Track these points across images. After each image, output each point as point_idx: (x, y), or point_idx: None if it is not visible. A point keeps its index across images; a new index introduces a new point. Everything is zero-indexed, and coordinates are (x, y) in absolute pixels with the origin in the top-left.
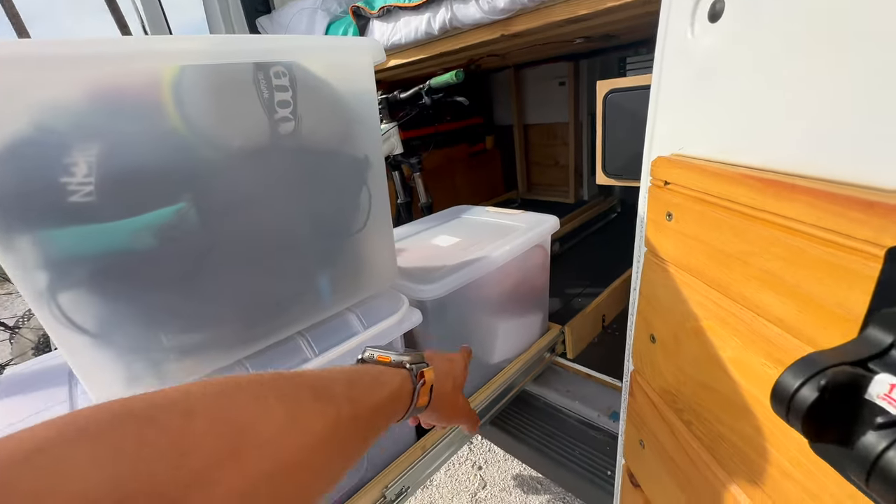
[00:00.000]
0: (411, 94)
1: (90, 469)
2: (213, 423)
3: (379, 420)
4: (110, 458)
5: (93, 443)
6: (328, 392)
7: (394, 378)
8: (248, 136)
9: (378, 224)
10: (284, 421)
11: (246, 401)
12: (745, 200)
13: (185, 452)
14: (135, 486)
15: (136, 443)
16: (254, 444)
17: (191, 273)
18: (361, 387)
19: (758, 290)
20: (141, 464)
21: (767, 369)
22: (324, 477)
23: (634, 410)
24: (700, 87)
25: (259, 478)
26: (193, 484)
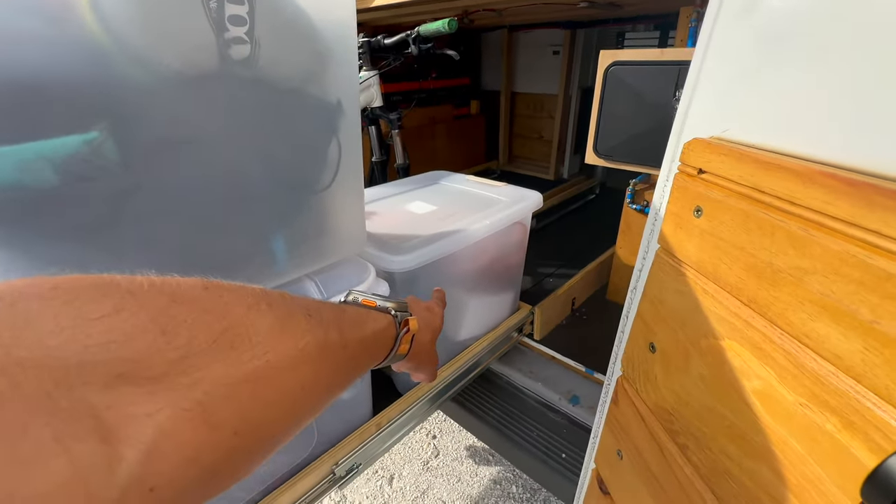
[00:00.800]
0: (397, 41)
1: (58, 328)
2: (200, 313)
3: (363, 356)
4: (85, 318)
5: (65, 302)
6: (319, 314)
7: (378, 320)
8: (189, 57)
9: (347, 183)
10: (274, 326)
11: (235, 300)
12: (816, 205)
13: (167, 332)
14: (108, 353)
15: (115, 310)
16: (242, 340)
17: (106, 221)
18: (348, 319)
19: (812, 317)
20: (118, 331)
21: (807, 411)
22: (310, 394)
23: (616, 418)
24: (766, 53)
25: (247, 374)
26: (177, 363)
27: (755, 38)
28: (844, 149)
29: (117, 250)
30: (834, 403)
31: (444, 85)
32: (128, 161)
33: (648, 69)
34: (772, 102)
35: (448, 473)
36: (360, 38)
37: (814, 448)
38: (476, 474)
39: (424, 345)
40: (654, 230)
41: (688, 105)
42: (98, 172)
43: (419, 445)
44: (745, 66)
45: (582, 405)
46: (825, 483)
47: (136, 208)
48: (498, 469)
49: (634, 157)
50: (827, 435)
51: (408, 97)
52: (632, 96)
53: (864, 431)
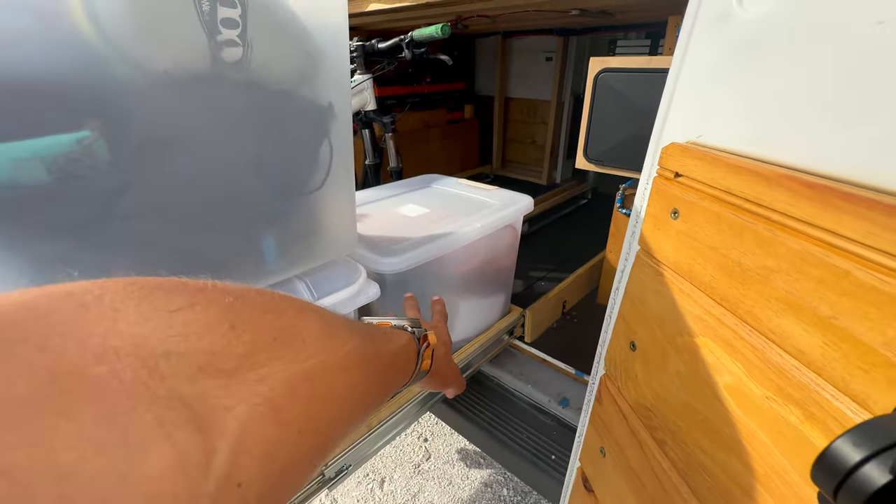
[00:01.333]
0: (391, 45)
1: (143, 318)
2: (261, 312)
3: (393, 372)
4: (165, 310)
5: (144, 296)
6: (356, 327)
7: (401, 336)
8: (181, 58)
9: (338, 185)
10: (323, 330)
11: (287, 303)
12: (780, 206)
13: (236, 326)
14: (189, 344)
15: (188, 304)
16: (298, 340)
17: (96, 220)
18: (377, 335)
19: (777, 313)
20: (195, 323)
21: (773, 404)
22: (358, 399)
23: (599, 416)
24: (738, 62)
25: (305, 371)
26: (245, 358)
27: (728, 47)
28: (808, 153)
29: (108, 248)
30: (797, 396)
31: (438, 89)
32: (119, 160)
33: (637, 76)
34: (742, 109)
35: (439, 476)
36: (355, 42)
37: (779, 440)
38: (467, 477)
39: (442, 358)
40: (635, 232)
41: (666, 110)
42: (89, 171)
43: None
44: (719, 74)
45: (572, 407)
46: (789, 473)
47: (126, 207)
48: (489, 472)
49: (623, 163)
50: (790, 427)
51: (402, 101)
52: (621, 103)
53: (822, 421)
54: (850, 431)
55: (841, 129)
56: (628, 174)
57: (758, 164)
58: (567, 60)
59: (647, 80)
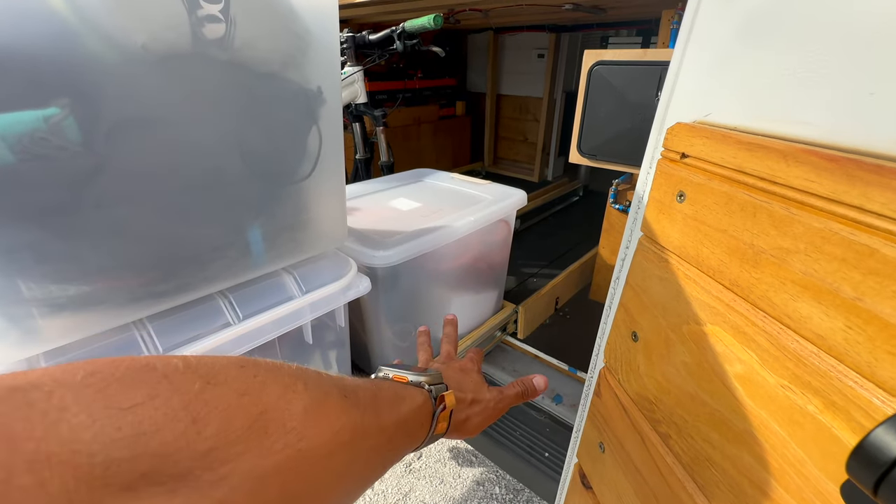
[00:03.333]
0: (382, 37)
1: (90, 420)
2: (237, 396)
3: (401, 438)
4: (117, 408)
5: (99, 391)
6: (354, 394)
7: (415, 397)
8: (159, 33)
9: (328, 174)
10: (311, 409)
11: (272, 380)
12: (798, 183)
13: (199, 420)
14: (136, 448)
15: (148, 397)
16: (277, 426)
17: (65, 206)
18: (384, 398)
19: (794, 297)
20: (149, 422)
21: (789, 394)
22: (344, 482)
23: (598, 410)
24: (748, 35)
25: (277, 465)
26: (204, 456)
27: (736, 20)
28: (826, 127)
29: (79, 238)
30: (816, 384)
31: (429, 85)
32: (90, 141)
33: (631, 69)
34: (753, 84)
35: (431, 475)
36: (345, 34)
37: (795, 431)
38: (459, 475)
39: (464, 411)
40: (637, 218)
41: (671, 91)
42: (57, 152)
43: None
44: (728, 48)
45: (565, 404)
46: (807, 465)
47: (99, 193)
48: (481, 470)
49: (617, 156)
50: (808, 416)
51: (393, 96)
52: (615, 96)
53: (845, 411)
54: (893, 419)
55: (862, 96)
56: (623, 168)
57: (772, 141)
58: (559, 57)
59: (641, 73)
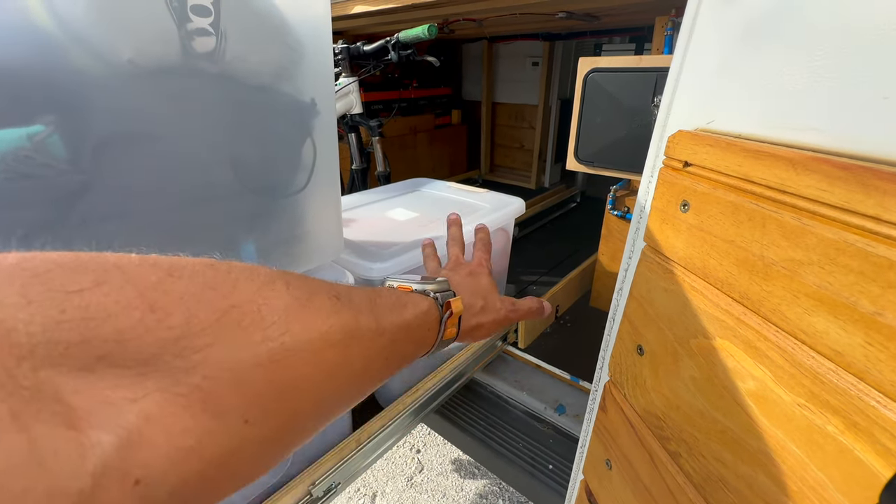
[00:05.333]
0: (376, 48)
1: (24, 301)
2: (201, 288)
3: (404, 343)
4: (59, 291)
5: (35, 274)
6: (348, 297)
7: (419, 302)
8: (147, 48)
9: (323, 186)
10: (292, 305)
11: (246, 278)
12: (809, 192)
13: (157, 308)
14: (86, 331)
15: (95, 283)
16: (253, 319)
17: (50, 223)
18: (383, 303)
19: (808, 311)
20: (97, 307)
21: (806, 412)
22: (338, 382)
23: (604, 426)
24: (752, 38)
25: (258, 357)
26: (171, 343)
27: (737, 25)
28: (836, 134)
29: None
30: (835, 403)
31: (425, 94)
32: (77, 158)
33: (627, 76)
34: (758, 89)
35: (433, 489)
36: (340, 45)
37: (814, 452)
38: (462, 489)
39: (476, 317)
40: (640, 228)
41: (671, 98)
42: (42, 170)
43: (403, 460)
44: (728, 55)
45: (568, 414)
46: (828, 489)
47: (85, 210)
48: (484, 483)
49: (615, 163)
50: (828, 437)
51: (388, 106)
52: (611, 103)
53: (868, 432)
54: None
55: (875, 101)
56: (620, 174)
57: (780, 148)
58: (553, 65)
59: (637, 80)
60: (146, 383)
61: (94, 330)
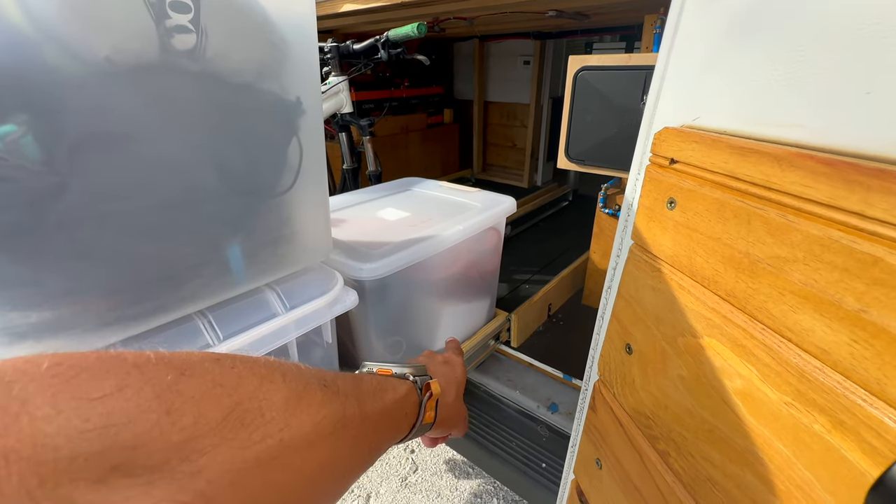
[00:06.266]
0: (366, 46)
1: (55, 412)
2: (210, 386)
3: (385, 429)
4: (85, 399)
5: (65, 381)
6: (335, 385)
7: (398, 387)
8: (124, 45)
9: (310, 186)
10: (290, 400)
11: (248, 372)
12: (794, 188)
13: (173, 410)
14: (105, 440)
15: (118, 387)
16: (255, 416)
17: (24, 228)
18: (366, 389)
19: (794, 308)
20: (119, 413)
21: (793, 411)
22: (328, 474)
23: (594, 425)
24: (735, 35)
25: (258, 456)
26: (180, 447)
27: (721, 21)
28: (820, 129)
29: (40, 259)
30: (821, 402)
31: (416, 93)
32: (52, 160)
33: (616, 74)
34: (742, 86)
35: (427, 489)
36: (329, 44)
37: (801, 451)
38: (456, 489)
39: (450, 405)
40: (628, 226)
41: (657, 95)
42: (15, 172)
43: (396, 461)
44: (713, 51)
45: (561, 412)
46: (815, 489)
47: (62, 212)
48: (478, 482)
49: (605, 161)
50: (815, 436)
51: (380, 105)
52: (601, 101)
53: (855, 431)
54: None
55: (858, 96)
56: (611, 173)
57: (765, 145)
58: (544, 64)
59: (626, 78)
60: (153, 492)
61: (114, 437)
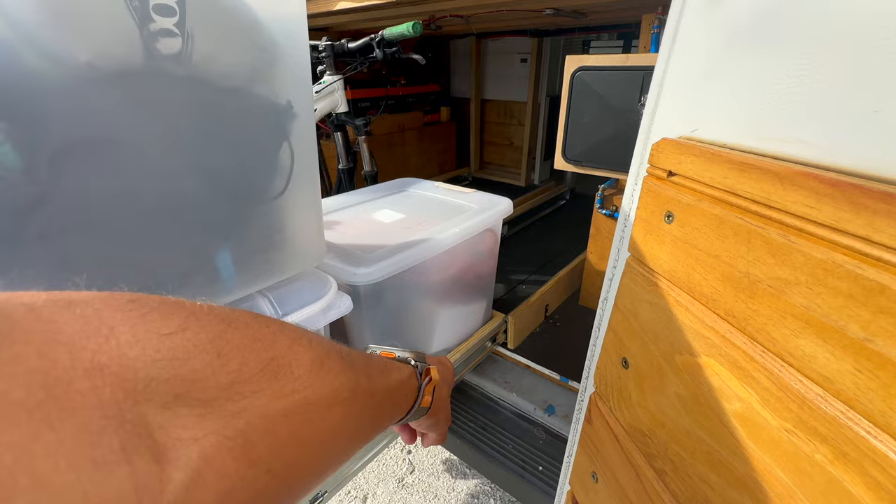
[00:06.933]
0: (361, 45)
1: (134, 339)
2: (252, 340)
3: (388, 407)
4: (157, 333)
5: (141, 315)
6: (350, 358)
7: (402, 369)
8: (106, 49)
9: (302, 191)
10: (315, 362)
11: (281, 332)
12: (796, 208)
13: (223, 354)
14: (172, 370)
15: (181, 328)
16: (286, 372)
17: (6, 236)
18: (375, 367)
19: (795, 333)
20: (182, 349)
21: (794, 438)
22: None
23: (590, 438)
24: (738, 44)
25: (286, 408)
26: (227, 388)
27: (723, 28)
28: (824, 147)
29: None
30: (823, 431)
31: (413, 91)
32: (32, 168)
33: (614, 74)
34: (744, 97)
35: (424, 490)
36: (324, 42)
37: (802, 480)
38: (453, 489)
39: (443, 399)
40: (624, 237)
41: (655, 104)
42: None
43: (393, 461)
44: (714, 60)
45: (558, 415)
46: None
47: (43, 221)
48: (475, 482)
49: (603, 162)
50: (816, 466)
51: (376, 104)
52: (598, 101)
53: (858, 464)
54: None
55: (866, 114)
56: (608, 174)
57: (766, 161)
58: (542, 62)
59: (624, 78)
60: (205, 424)
61: (178, 369)
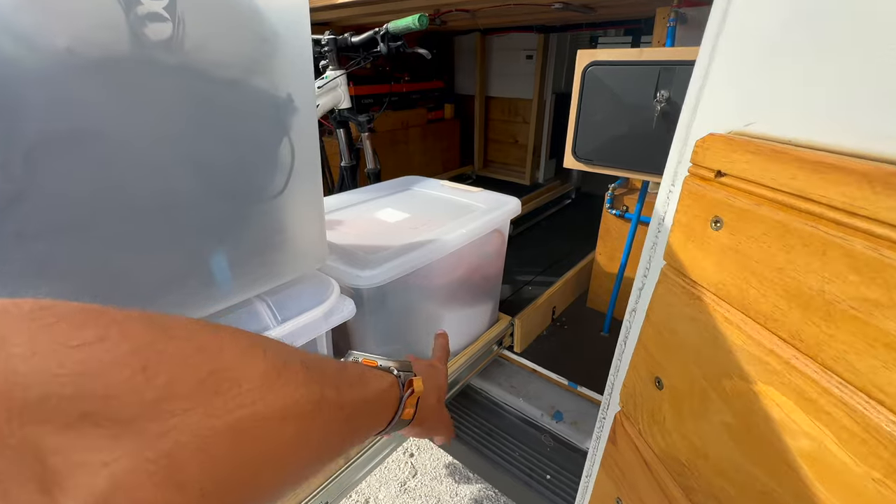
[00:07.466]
0: (365, 39)
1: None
2: (193, 351)
3: (363, 419)
4: (62, 345)
5: (46, 325)
6: (317, 368)
7: (381, 380)
8: (88, 35)
9: (303, 189)
10: (268, 374)
11: (231, 342)
12: (889, 216)
13: (149, 368)
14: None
15: (97, 338)
16: (230, 386)
17: None
18: (347, 378)
19: (887, 365)
20: (94, 362)
21: (885, 491)
22: (297, 454)
23: (614, 460)
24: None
25: (226, 426)
26: (152, 406)
27: (784, 5)
28: None
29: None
30: None
31: (417, 88)
32: (6, 164)
33: (628, 70)
34: (815, 85)
35: (427, 494)
36: (327, 36)
37: None
38: (456, 494)
39: (431, 407)
40: (658, 244)
41: (698, 95)
42: None
43: (396, 465)
44: (775, 41)
45: (566, 421)
46: None
47: (20, 223)
48: (479, 487)
49: (615, 161)
50: None
51: (379, 100)
52: (611, 98)
53: None
54: None
55: None
56: (620, 173)
57: (848, 160)
58: (548, 58)
59: (639, 74)
60: (120, 445)
61: (85, 385)
